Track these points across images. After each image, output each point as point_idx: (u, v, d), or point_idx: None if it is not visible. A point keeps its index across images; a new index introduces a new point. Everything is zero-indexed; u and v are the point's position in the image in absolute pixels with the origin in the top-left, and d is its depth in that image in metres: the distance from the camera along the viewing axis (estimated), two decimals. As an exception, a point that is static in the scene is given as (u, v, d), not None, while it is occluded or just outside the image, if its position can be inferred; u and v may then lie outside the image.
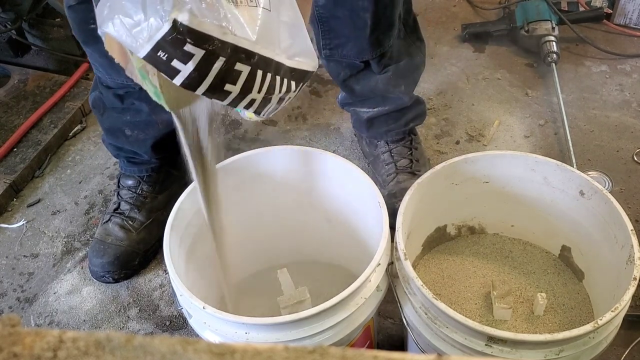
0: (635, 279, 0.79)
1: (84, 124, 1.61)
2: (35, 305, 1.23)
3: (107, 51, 0.64)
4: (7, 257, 1.32)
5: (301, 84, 0.68)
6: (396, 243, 0.86)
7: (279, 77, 0.64)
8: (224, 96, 0.61)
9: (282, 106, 0.68)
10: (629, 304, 0.79)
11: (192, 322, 0.86)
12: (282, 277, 0.97)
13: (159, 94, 0.66)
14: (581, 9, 1.77)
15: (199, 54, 0.57)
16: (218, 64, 0.58)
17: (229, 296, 0.95)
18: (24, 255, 1.32)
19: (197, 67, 0.58)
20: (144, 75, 0.64)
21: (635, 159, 1.42)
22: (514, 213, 1.07)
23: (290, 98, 0.68)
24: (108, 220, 1.27)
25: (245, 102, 0.63)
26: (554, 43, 1.63)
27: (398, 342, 1.11)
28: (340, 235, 1.08)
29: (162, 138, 1.23)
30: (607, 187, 1.35)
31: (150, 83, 0.65)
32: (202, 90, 0.59)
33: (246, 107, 0.64)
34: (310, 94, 1.64)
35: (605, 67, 1.68)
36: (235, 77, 0.60)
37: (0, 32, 1.66)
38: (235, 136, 1.54)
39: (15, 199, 1.44)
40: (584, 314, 1.00)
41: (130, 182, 1.30)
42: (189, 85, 0.59)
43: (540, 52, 1.65)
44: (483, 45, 1.78)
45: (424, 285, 0.79)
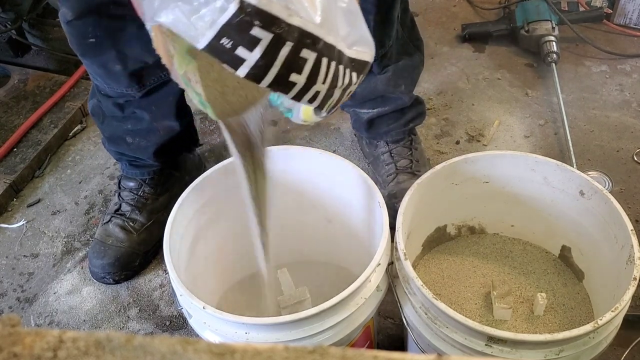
0: (635, 279, 0.79)
1: (84, 124, 1.61)
2: (35, 305, 1.23)
3: (154, 48, 0.59)
4: (7, 257, 1.32)
5: (361, 76, 0.61)
6: (396, 243, 0.86)
7: (342, 67, 0.57)
8: (288, 88, 0.54)
9: (342, 102, 0.61)
10: (629, 304, 0.79)
11: (192, 322, 0.86)
12: (282, 277, 0.97)
13: (204, 103, 0.61)
14: (581, 9, 1.77)
15: (267, 39, 0.51)
16: (285, 50, 0.52)
17: (267, 282, 0.89)
18: (24, 255, 1.32)
19: (264, 54, 0.51)
20: (186, 83, 0.59)
21: (635, 159, 1.42)
22: (514, 213, 1.07)
23: (350, 92, 0.61)
24: (109, 221, 1.27)
25: (309, 94, 0.56)
26: (554, 43, 1.63)
27: (398, 342, 1.11)
28: (340, 235, 1.08)
29: (164, 144, 1.23)
30: (607, 187, 1.35)
31: (193, 91, 0.60)
32: (267, 81, 0.53)
33: (310, 101, 0.57)
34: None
35: (605, 67, 1.68)
36: (301, 66, 0.53)
37: (0, 32, 1.66)
38: (235, 136, 1.54)
39: (15, 199, 1.44)
40: (584, 314, 1.00)
41: (132, 184, 1.29)
42: (255, 75, 0.52)
43: (540, 52, 1.65)
44: (483, 45, 1.78)
45: (424, 285, 0.79)
